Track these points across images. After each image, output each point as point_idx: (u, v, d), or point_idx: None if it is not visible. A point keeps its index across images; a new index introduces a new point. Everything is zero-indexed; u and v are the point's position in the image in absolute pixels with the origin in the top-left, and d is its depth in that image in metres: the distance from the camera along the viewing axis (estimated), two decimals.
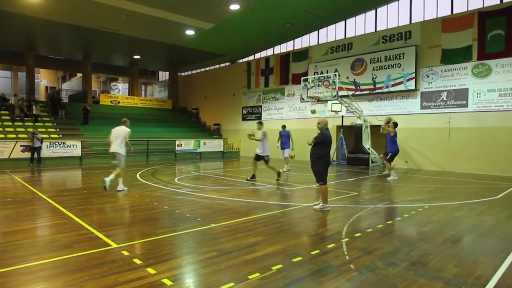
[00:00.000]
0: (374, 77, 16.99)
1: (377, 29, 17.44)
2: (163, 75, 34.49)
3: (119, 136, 8.69)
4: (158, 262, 3.96)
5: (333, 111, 16.93)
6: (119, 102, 26.27)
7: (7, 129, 17.73)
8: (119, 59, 27.24)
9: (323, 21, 18.72)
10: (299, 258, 4.13)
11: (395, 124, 11.67)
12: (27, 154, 15.71)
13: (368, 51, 17.29)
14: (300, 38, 21.02)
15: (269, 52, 23.04)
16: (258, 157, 10.68)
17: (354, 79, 17.78)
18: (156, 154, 20.43)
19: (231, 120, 25.20)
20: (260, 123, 10.95)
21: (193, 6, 15.37)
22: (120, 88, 36.68)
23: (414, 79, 15.60)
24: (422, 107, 15.65)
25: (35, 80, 26.86)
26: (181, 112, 29.26)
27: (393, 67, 16.28)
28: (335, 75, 15.71)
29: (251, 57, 24.19)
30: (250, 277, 3.57)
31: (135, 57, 25.39)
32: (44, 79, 34.91)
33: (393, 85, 16.33)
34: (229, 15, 16.51)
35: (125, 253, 4.24)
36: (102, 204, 7.37)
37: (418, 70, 15.64)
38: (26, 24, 17.64)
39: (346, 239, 4.87)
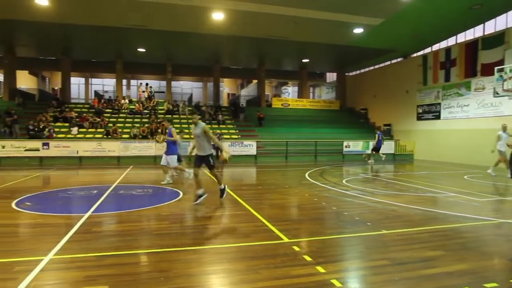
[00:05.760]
0: None
1: None
2: (331, 76, 34.79)
3: None
4: (327, 261, 3.97)
5: None
6: (289, 104, 27.90)
7: None
8: (289, 64, 28.92)
9: None
10: (494, 284, 3.42)
11: None
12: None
13: None
14: (493, 20, 17.63)
15: (449, 41, 20.24)
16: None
17: None
18: (324, 155, 20.78)
19: (404, 120, 23.30)
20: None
21: (361, 3, 14.88)
22: (290, 92, 38.88)
23: None
24: None
25: (220, 89, 31.44)
26: (349, 112, 28.89)
27: None
28: None
29: (427, 50, 21.75)
30: None
31: (304, 60, 26.46)
32: (226, 87, 40.45)
33: None
34: (401, 6, 15.27)
35: (296, 248, 4.42)
36: (275, 200, 7.94)
37: None
38: (213, 41, 20.64)
39: None
